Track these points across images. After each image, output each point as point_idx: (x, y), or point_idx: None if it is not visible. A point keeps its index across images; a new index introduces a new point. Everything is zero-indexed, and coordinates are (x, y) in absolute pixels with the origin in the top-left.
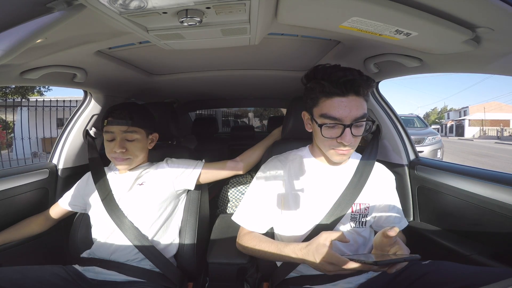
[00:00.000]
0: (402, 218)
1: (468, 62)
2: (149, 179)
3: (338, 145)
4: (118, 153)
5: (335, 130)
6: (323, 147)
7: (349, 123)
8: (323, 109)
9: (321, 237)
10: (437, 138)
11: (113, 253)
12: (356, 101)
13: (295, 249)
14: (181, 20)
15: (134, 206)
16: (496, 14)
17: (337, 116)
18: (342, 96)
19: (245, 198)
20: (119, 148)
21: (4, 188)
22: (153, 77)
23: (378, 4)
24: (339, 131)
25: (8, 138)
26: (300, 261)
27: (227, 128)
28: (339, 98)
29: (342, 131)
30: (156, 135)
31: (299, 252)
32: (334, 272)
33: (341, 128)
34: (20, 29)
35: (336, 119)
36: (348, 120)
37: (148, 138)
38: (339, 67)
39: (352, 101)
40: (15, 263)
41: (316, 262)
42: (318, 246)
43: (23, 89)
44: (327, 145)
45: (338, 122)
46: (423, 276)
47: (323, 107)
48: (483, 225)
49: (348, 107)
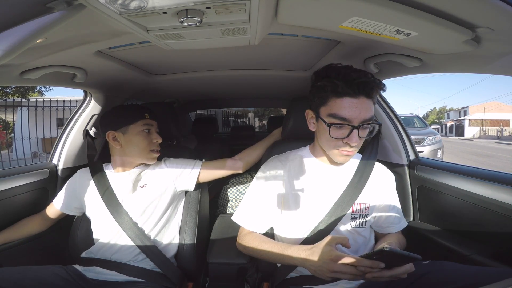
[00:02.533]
0: (401, 218)
1: (468, 62)
2: (150, 181)
3: (344, 146)
4: (156, 144)
5: (343, 131)
6: (327, 147)
7: (357, 124)
8: (332, 109)
9: (327, 239)
10: (437, 138)
11: (114, 253)
12: (366, 103)
13: (299, 250)
14: (181, 20)
15: (138, 208)
16: (496, 14)
17: (347, 116)
18: (353, 97)
19: (245, 198)
20: (160, 138)
21: (4, 188)
22: (153, 77)
23: (378, 4)
24: (346, 132)
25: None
26: (301, 261)
27: (227, 128)
28: (350, 99)
29: (350, 132)
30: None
31: (302, 252)
32: (331, 277)
33: (348, 129)
34: (20, 29)
35: (345, 119)
36: (356, 122)
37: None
38: (352, 68)
39: (362, 103)
40: (15, 263)
41: (319, 262)
42: (324, 247)
43: (23, 89)
44: (332, 145)
45: (346, 123)
46: (423, 276)
47: (333, 107)
48: (483, 225)
49: (358, 109)
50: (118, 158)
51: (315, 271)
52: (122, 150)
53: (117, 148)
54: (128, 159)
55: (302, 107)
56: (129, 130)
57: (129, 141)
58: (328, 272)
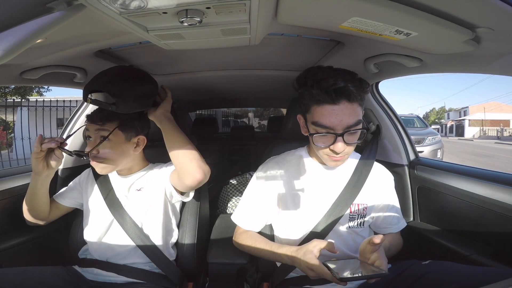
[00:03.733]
0: (400, 218)
1: (468, 62)
2: (146, 184)
3: (331, 153)
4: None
5: (327, 139)
6: (317, 152)
7: (341, 131)
8: (314, 117)
9: (311, 244)
10: (437, 138)
11: (114, 253)
12: (349, 108)
13: (287, 251)
14: (181, 20)
15: (138, 209)
16: (496, 14)
17: (328, 124)
18: (333, 103)
19: (242, 199)
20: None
21: (4, 188)
22: (153, 77)
23: (378, 4)
24: (331, 140)
25: (8, 138)
26: (291, 263)
27: (227, 128)
28: (330, 106)
29: (334, 140)
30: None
31: (290, 254)
32: (315, 277)
33: (333, 137)
34: (20, 29)
35: (327, 127)
36: (339, 129)
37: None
38: (331, 71)
39: (344, 109)
40: (15, 263)
41: (302, 266)
42: (306, 252)
43: (23, 89)
44: (321, 152)
45: (329, 131)
46: (423, 276)
47: (315, 115)
48: (483, 225)
49: (339, 115)
50: (130, 161)
51: (302, 271)
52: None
53: (136, 153)
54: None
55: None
56: None
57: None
58: (310, 276)
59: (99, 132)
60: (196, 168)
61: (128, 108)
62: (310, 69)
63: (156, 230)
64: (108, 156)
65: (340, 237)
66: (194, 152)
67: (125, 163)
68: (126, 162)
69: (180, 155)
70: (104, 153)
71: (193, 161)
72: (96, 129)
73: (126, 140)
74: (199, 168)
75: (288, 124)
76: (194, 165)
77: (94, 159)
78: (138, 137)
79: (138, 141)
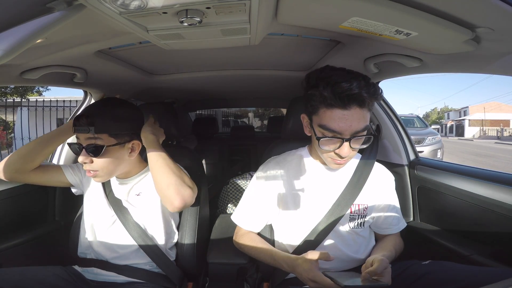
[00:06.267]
0: (400, 219)
1: (468, 62)
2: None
3: (336, 156)
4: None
5: (333, 142)
6: (321, 155)
7: (348, 136)
8: (322, 120)
9: (307, 255)
10: (437, 138)
11: (113, 254)
12: (359, 113)
13: (286, 260)
14: (181, 20)
15: (138, 211)
16: (496, 14)
17: (337, 129)
18: (344, 108)
19: (242, 199)
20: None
21: (4, 188)
22: (153, 77)
23: (378, 4)
24: (337, 144)
25: (8, 138)
26: (290, 270)
27: (227, 128)
28: (340, 111)
29: (340, 145)
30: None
31: (289, 263)
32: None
33: (339, 141)
34: (20, 29)
35: (336, 132)
36: (347, 134)
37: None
38: (345, 75)
39: (354, 114)
40: (15, 263)
41: (302, 277)
42: (304, 262)
43: (22, 89)
44: (324, 155)
45: (337, 135)
46: (423, 276)
47: (323, 118)
48: (483, 225)
49: (349, 120)
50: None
51: (302, 281)
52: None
53: (132, 158)
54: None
55: (302, 107)
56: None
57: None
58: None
59: (91, 141)
60: (174, 195)
61: (106, 128)
62: (323, 69)
63: (157, 231)
64: (103, 164)
65: (340, 237)
66: (172, 177)
67: (121, 168)
68: (122, 168)
69: (157, 181)
70: (98, 162)
71: (170, 187)
72: (87, 137)
73: (120, 147)
74: (177, 195)
75: (288, 124)
76: (171, 192)
77: (89, 172)
78: (133, 142)
79: (133, 146)
